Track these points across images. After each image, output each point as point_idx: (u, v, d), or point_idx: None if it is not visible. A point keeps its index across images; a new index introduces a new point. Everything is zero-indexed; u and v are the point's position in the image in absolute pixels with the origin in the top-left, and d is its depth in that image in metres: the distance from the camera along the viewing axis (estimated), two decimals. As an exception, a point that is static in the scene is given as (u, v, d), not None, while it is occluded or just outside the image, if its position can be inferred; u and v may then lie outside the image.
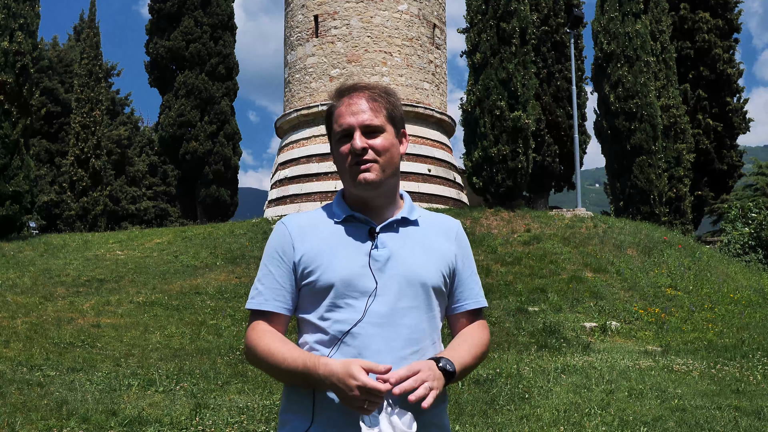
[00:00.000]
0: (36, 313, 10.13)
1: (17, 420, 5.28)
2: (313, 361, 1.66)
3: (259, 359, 1.76)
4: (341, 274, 1.74)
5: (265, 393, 6.56)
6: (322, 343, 1.74)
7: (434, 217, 1.95)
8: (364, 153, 1.77)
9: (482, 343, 1.88)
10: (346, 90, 1.85)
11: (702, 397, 6.51)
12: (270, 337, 1.76)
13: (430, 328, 1.80)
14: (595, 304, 11.52)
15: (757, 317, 11.55)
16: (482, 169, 17.61)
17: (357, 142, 1.77)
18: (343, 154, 1.80)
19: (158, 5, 27.73)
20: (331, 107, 1.86)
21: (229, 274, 13.00)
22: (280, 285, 1.80)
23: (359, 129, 1.78)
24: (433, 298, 1.81)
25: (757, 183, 37.15)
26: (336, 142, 1.83)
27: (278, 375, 1.75)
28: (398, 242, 1.81)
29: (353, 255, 1.77)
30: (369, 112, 1.79)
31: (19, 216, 17.67)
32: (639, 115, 20.16)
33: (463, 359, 1.78)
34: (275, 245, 1.84)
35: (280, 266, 1.81)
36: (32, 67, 18.22)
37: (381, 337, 1.71)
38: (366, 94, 1.82)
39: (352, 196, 1.85)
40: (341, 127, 1.80)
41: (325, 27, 20.45)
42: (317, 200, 19.39)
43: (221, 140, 27.09)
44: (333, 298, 1.74)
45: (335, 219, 1.84)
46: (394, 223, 1.84)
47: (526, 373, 7.45)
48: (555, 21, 24.56)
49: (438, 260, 1.84)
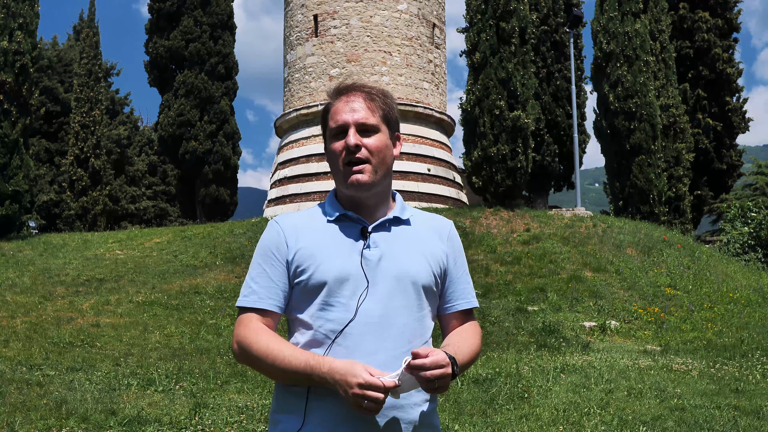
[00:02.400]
0: (35, 313, 10.13)
1: (16, 419, 5.28)
2: (317, 359, 1.66)
3: (255, 357, 1.73)
4: (334, 273, 1.74)
5: (265, 392, 6.56)
6: (314, 342, 1.74)
7: (426, 216, 1.95)
8: (357, 150, 1.78)
9: (477, 344, 1.89)
10: (344, 89, 1.86)
11: (701, 396, 6.51)
12: (268, 336, 1.74)
13: (422, 328, 1.80)
14: (595, 304, 11.53)
15: (756, 317, 11.56)
16: (482, 168, 17.61)
17: (351, 138, 1.78)
18: (336, 151, 1.81)
19: (158, 5, 27.71)
20: (328, 105, 1.87)
21: (228, 274, 13.00)
22: (273, 283, 1.80)
23: (354, 126, 1.79)
24: (424, 297, 1.81)
25: (757, 182, 37.19)
26: (330, 138, 1.84)
27: (275, 373, 1.73)
28: (390, 242, 1.81)
29: (346, 254, 1.77)
30: (365, 110, 1.81)
31: (19, 215, 17.67)
32: (638, 114, 20.16)
33: (464, 358, 1.79)
34: (268, 243, 1.83)
35: (274, 264, 1.80)
36: (32, 66, 18.20)
37: (373, 336, 1.71)
38: (363, 94, 1.83)
39: (344, 195, 1.85)
40: (336, 123, 1.81)
41: (325, 27, 20.45)
42: (317, 200, 19.40)
43: (221, 140, 27.09)
44: (325, 296, 1.74)
45: (328, 218, 1.84)
46: (386, 222, 1.84)
47: (526, 372, 7.45)
48: (554, 20, 24.57)
49: (430, 260, 1.84)
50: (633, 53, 20.47)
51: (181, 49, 26.96)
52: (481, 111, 17.51)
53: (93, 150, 27.05)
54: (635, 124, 20.19)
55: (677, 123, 23.01)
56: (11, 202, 17.25)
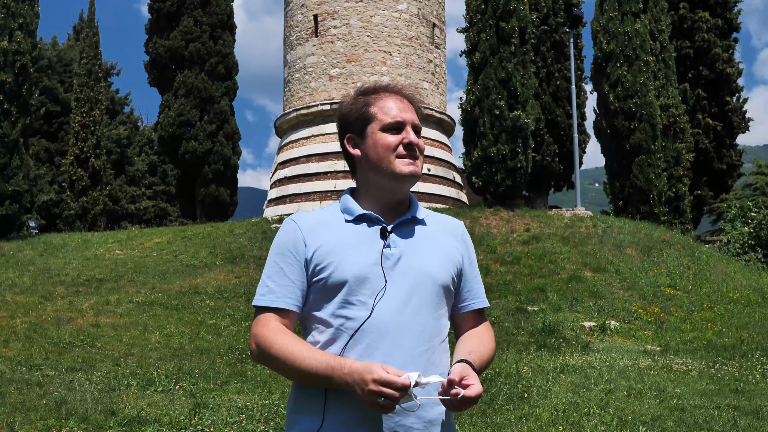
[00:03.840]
0: (35, 313, 10.13)
1: (16, 420, 5.28)
2: (338, 361, 1.65)
3: (274, 358, 1.72)
4: (354, 271, 1.74)
5: (264, 393, 6.56)
6: (332, 340, 1.74)
7: (439, 217, 1.97)
8: (417, 148, 1.85)
9: (494, 349, 1.93)
10: (384, 88, 1.91)
11: (701, 396, 6.51)
12: (287, 337, 1.73)
13: (440, 326, 1.81)
14: (595, 304, 11.53)
15: (756, 317, 11.57)
16: (481, 168, 17.61)
17: (412, 135, 1.84)
18: (391, 145, 1.83)
19: (158, 5, 27.70)
20: (365, 101, 1.88)
21: (228, 274, 13.00)
22: (291, 282, 1.79)
23: (410, 125, 1.86)
24: (443, 296, 1.83)
25: (757, 182, 37.21)
26: (382, 132, 1.84)
27: (295, 374, 1.72)
28: (409, 241, 1.82)
29: (365, 253, 1.77)
30: (413, 113, 1.89)
31: (19, 215, 17.68)
32: (638, 114, 20.16)
33: (483, 364, 1.83)
34: (285, 242, 1.82)
35: (291, 263, 1.79)
36: (31, 66, 18.21)
37: (392, 335, 1.72)
38: (409, 98, 1.91)
39: (374, 191, 1.86)
40: (394, 119, 1.84)
41: (325, 26, 20.45)
42: (316, 200, 19.40)
43: (221, 140, 27.07)
44: (345, 295, 1.74)
45: (346, 217, 1.84)
46: (405, 222, 1.85)
47: (525, 372, 7.45)
48: (554, 20, 24.56)
49: (447, 259, 1.86)
50: (633, 53, 20.47)
51: (181, 49, 26.95)
52: (481, 111, 17.51)
53: (93, 150, 27.03)
54: (635, 124, 20.19)
55: (677, 123, 23.00)
56: (11, 202, 17.26)
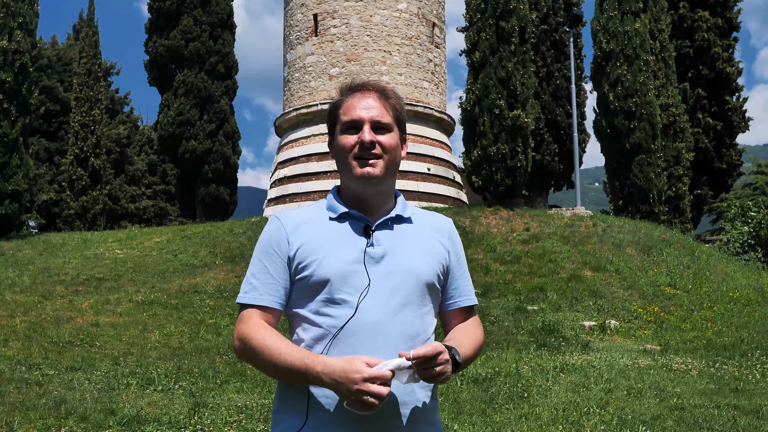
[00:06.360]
0: (35, 312, 10.12)
1: (15, 419, 5.27)
2: (312, 358, 1.65)
3: (253, 353, 1.72)
4: (336, 269, 1.73)
5: (264, 392, 6.56)
6: (315, 338, 1.73)
7: (427, 215, 1.95)
8: (372, 147, 1.78)
9: (480, 340, 1.91)
10: (358, 86, 1.87)
11: (701, 395, 6.51)
12: (266, 332, 1.73)
13: (424, 325, 1.80)
14: (594, 303, 11.53)
15: (756, 316, 11.57)
16: (481, 167, 17.61)
17: (366, 135, 1.79)
18: (346, 146, 1.81)
19: (157, 4, 27.70)
20: (338, 101, 1.87)
21: (228, 273, 12.99)
22: (274, 279, 1.79)
23: (369, 123, 1.80)
24: (427, 294, 1.82)
25: (757, 182, 37.20)
26: (341, 133, 1.83)
27: (272, 370, 1.72)
28: (393, 239, 1.81)
29: (349, 251, 1.76)
30: (380, 109, 1.82)
31: (18, 215, 17.66)
32: (638, 113, 20.15)
33: (467, 351, 1.80)
34: (269, 240, 1.82)
35: (275, 261, 1.79)
36: (31, 65, 18.18)
37: (375, 334, 1.71)
38: (378, 93, 1.85)
39: (348, 192, 1.84)
40: (350, 118, 1.81)
41: (325, 26, 20.44)
42: (316, 199, 19.31)
43: (220, 139, 27.08)
44: (327, 293, 1.73)
45: (330, 215, 1.83)
46: (389, 220, 1.84)
47: (525, 372, 7.45)
48: (554, 20, 24.57)
49: (432, 257, 1.84)
50: (633, 52, 20.46)
51: (180, 48, 26.95)
52: (480, 110, 17.51)
53: (93, 149, 26.99)
54: (635, 124, 20.18)
55: (677, 122, 23.00)
56: (11, 202, 17.25)
